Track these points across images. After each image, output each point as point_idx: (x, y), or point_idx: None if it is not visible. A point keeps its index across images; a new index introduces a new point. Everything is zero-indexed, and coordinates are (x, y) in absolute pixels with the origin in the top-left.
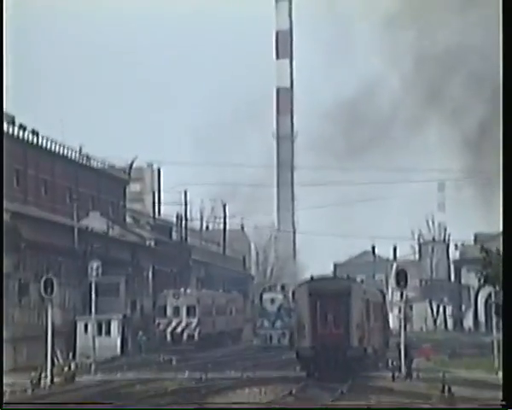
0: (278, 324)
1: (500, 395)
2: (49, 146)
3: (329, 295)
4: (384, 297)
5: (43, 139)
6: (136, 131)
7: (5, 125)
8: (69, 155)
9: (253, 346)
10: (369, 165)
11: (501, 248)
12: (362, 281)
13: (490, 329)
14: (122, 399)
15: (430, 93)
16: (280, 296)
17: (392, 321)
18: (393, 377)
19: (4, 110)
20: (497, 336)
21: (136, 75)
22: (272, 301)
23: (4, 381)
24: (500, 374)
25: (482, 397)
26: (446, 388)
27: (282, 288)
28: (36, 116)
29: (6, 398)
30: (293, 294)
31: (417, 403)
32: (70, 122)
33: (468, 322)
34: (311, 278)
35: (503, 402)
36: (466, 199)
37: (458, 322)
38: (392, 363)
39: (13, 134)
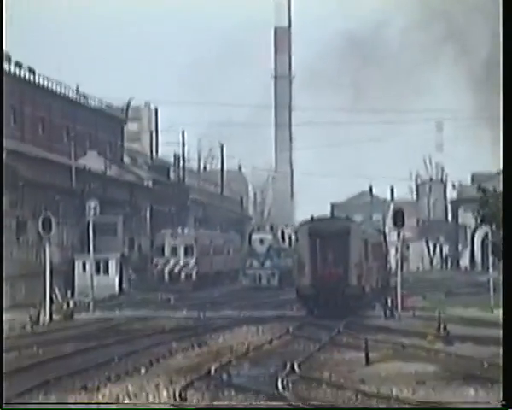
0: (268, 264)
1: (496, 332)
2: (45, 84)
3: (329, 235)
4: (384, 237)
5: (39, 77)
6: (131, 72)
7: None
8: (66, 93)
9: (245, 286)
10: (368, 105)
11: (499, 188)
12: (361, 222)
13: (486, 268)
14: (120, 336)
15: (437, 32)
16: (269, 237)
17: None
18: (385, 314)
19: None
20: (492, 274)
21: (131, 16)
22: (261, 241)
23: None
24: (495, 312)
25: (478, 335)
26: (442, 326)
27: (271, 228)
28: (32, 56)
29: (5, 334)
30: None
31: (414, 341)
32: (66, 64)
33: (465, 261)
34: (312, 218)
35: (503, 402)
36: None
37: (455, 261)
38: (386, 302)
39: (9, 72)
